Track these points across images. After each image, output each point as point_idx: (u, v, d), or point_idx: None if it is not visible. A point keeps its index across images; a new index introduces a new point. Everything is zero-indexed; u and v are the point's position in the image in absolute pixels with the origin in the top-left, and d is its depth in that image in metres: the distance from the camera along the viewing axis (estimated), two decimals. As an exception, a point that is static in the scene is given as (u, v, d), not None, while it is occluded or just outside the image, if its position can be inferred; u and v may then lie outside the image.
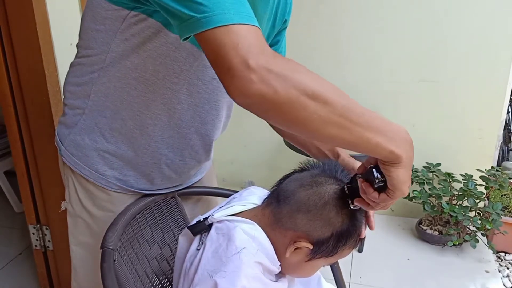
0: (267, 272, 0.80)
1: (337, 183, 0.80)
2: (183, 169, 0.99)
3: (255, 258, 0.77)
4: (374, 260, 2.21)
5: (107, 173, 0.94)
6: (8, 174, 2.62)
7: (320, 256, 0.80)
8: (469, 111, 2.34)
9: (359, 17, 2.35)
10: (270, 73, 0.58)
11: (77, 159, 0.94)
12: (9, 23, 1.54)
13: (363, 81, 2.44)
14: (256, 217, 0.83)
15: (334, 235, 0.78)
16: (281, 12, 0.96)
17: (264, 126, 0.94)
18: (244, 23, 0.59)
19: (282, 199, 0.81)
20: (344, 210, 0.78)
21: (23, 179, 1.77)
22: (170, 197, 1.05)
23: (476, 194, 2.16)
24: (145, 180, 0.97)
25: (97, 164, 0.93)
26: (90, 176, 0.94)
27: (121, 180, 0.95)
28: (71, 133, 0.93)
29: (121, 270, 0.83)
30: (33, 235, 1.87)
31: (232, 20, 0.59)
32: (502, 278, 2.11)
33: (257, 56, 0.58)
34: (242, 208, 0.87)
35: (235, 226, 0.79)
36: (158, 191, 1.02)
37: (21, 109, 1.66)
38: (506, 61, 2.22)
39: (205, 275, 0.75)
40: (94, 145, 0.91)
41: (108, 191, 0.95)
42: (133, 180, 0.96)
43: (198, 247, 0.81)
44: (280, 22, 0.98)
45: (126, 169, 0.94)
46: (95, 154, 0.92)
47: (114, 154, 0.92)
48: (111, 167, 0.93)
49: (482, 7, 2.17)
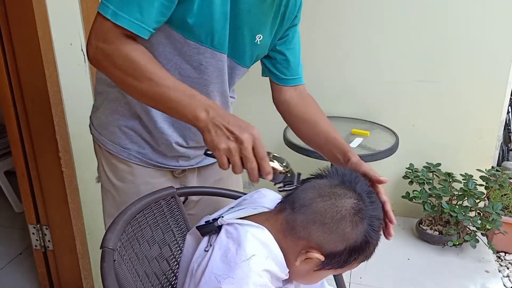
0: (275, 279, 0.80)
1: (355, 197, 0.79)
2: (190, 150, 1.09)
3: (265, 266, 0.76)
4: (374, 260, 2.20)
5: (128, 147, 1.07)
6: (8, 174, 2.62)
7: (330, 268, 0.80)
8: (469, 111, 2.34)
9: (359, 17, 2.35)
10: (99, 49, 0.84)
11: (103, 136, 1.08)
12: (9, 23, 1.54)
13: (363, 81, 2.44)
14: (268, 221, 0.82)
15: (347, 249, 0.78)
16: (291, 10, 1.03)
17: (264, 126, 0.94)
18: (107, 17, 0.82)
19: (297, 207, 0.79)
20: (359, 227, 0.77)
21: (23, 179, 1.77)
22: (170, 197, 1.05)
23: (476, 194, 2.16)
24: (159, 155, 1.08)
25: (119, 139, 1.07)
26: (113, 150, 1.08)
27: (140, 153, 1.07)
28: (98, 114, 1.10)
29: (121, 270, 0.82)
30: (33, 235, 1.87)
31: (108, 14, 0.82)
32: (502, 278, 2.11)
33: (96, 38, 0.84)
34: (253, 211, 0.86)
35: (246, 231, 0.78)
36: (177, 167, 1.12)
37: (21, 109, 1.66)
38: (506, 61, 2.22)
39: (212, 278, 0.75)
40: (116, 122, 1.06)
41: (129, 163, 1.08)
42: (151, 154, 1.08)
43: (207, 248, 0.81)
44: (290, 20, 1.05)
45: (145, 143, 1.07)
46: (117, 130, 1.06)
47: (133, 129, 1.05)
48: (131, 141, 1.07)
49: (482, 7, 2.17)
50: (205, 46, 0.93)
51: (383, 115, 2.42)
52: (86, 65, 1.76)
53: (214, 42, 0.93)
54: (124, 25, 0.82)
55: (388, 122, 2.36)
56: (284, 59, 1.10)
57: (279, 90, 1.13)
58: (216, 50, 0.96)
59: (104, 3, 0.83)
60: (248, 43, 1.00)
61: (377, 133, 2.26)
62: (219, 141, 0.78)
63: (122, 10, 0.81)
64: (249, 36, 0.99)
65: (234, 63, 1.03)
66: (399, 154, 2.16)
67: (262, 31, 1.00)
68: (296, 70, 1.12)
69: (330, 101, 2.45)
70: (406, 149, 2.32)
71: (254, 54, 1.05)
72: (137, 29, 0.83)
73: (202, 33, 0.91)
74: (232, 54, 1.00)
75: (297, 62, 1.12)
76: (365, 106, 2.46)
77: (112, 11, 0.82)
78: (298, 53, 1.13)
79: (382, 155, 2.01)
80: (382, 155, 2.01)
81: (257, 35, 1.00)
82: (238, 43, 0.99)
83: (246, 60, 1.04)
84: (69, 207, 1.76)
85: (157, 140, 1.06)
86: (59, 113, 1.66)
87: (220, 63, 0.98)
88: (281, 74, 1.12)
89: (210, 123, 0.79)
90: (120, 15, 0.82)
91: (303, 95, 1.13)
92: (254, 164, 0.79)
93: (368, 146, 2.09)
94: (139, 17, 0.82)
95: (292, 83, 1.12)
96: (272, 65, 1.12)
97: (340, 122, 2.39)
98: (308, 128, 1.08)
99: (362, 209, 0.78)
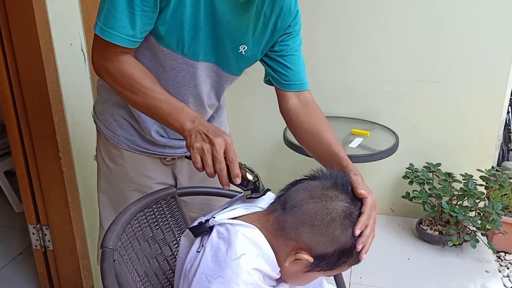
0: (267, 278, 0.80)
1: (347, 200, 0.79)
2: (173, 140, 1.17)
3: (255, 264, 0.76)
4: (374, 260, 2.21)
5: (118, 133, 1.16)
6: (8, 174, 2.62)
7: (320, 270, 0.80)
8: (469, 111, 2.34)
9: (359, 17, 2.35)
10: (102, 67, 0.98)
11: (100, 121, 1.19)
12: (9, 23, 1.54)
13: (363, 81, 2.44)
14: (259, 221, 0.82)
15: (336, 252, 0.78)
16: (283, 20, 1.05)
17: (264, 126, 0.94)
18: (100, 35, 0.92)
19: (288, 208, 0.80)
20: (349, 230, 0.77)
21: (23, 179, 1.77)
22: (170, 197, 1.05)
23: (476, 194, 2.16)
24: (147, 142, 1.16)
25: (111, 125, 1.16)
26: (107, 135, 1.17)
27: (129, 140, 1.16)
28: (97, 101, 1.21)
29: (121, 270, 0.83)
30: (33, 235, 1.87)
31: (96, 31, 0.93)
32: (502, 278, 2.11)
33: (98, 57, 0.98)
34: (245, 211, 0.86)
35: (237, 231, 0.78)
36: (165, 154, 1.19)
37: (21, 109, 1.66)
38: (506, 61, 2.22)
39: (203, 279, 0.75)
40: (109, 109, 1.15)
41: (119, 148, 1.17)
42: (139, 141, 1.16)
43: (199, 249, 0.81)
44: (282, 29, 1.07)
45: (134, 131, 1.15)
46: (110, 117, 1.16)
47: (123, 117, 1.14)
48: (121, 127, 1.16)
49: (482, 7, 2.17)
50: (176, 52, 1.00)
51: (383, 115, 2.42)
52: (86, 65, 1.76)
53: (184, 50, 1.00)
54: (112, 40, 0.92)
55: (388, 122, 2.36)
56: (282, 65, 1.10)
57: (282, 96, 1.12)
58: (188, 58, 1.01)
59: (96, 20, 0.93)
60: (231, 53, 1.04)
61: (377, 133, 2.27)
62: (195, 142, 0.87)
63: (108, 26, 0.91)
64: (231, 47, 1.03)
65: (220, 71, 1.07)
66: (399, 154, 2.16)
67: (246, 42, 1.03)
68: (297, 76, 1.11)
69: (330, 101, 2.45)
70: (406, 149, 2.32)
71: (240, 64, 1.08)
72: (125, 42, 0.93)
73: (173, 41, 0.97)
74: (217, 62, 1.05)
75: (297, 68, 1.11)
76: (365, 106, 2.46)
77: (99, 27, 0.92)
78: (298, 60, 1.12)
79: (382, 155, 2.01)
80: (382, 155, 2.01)
81: (240, 46, 1.03)
82: (222, 53, 1.03)
83: (232, 68, 1.08)
84: (69, 207, 1.76)
85: (143, 128, 1.13)
86: (59, 113, 1.66)
87: (192, 69, 1.03)
88: (280, 79, 1.11)
89: (193, 130, 0.89)
90: (106, 31, 0.91)
91: (307, 104, 1.11)
92: (223, 165, 0.85)
93: (368, 146, 2.09)
94: (125, 31, 0.91)
95: (293, 88, 1.11)
96: (271, 70, 1.12)
97: (340, 122, 2.39)
98: (310, 139, 1.07)
99: (353, 212, 0.78)
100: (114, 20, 0.90)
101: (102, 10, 0.91)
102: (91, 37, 1.77)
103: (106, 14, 0.90)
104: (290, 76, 1.10)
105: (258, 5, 0.98)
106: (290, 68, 1.10)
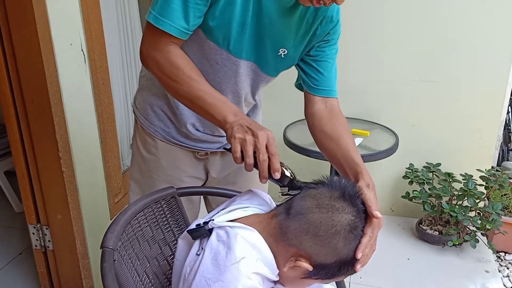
0: (266, 280, 0.80)
1: (353, 213, 0.78)
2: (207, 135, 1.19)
3: (254, 268, 0.76)
4: (374, 260, 2.20)
5: (155, 123, 1.19)
6: (8, 174, 2.62)
7: (317, 278, 0.80)
8: (469, 111, 2.34)
9: (359, 17, 2.34)
10: (149, 56, 0.99)
11: (139, 111, 1.22)
12: (9, 23, 1.53)
13: (363, 81, 2.44)
14: (260, 224, 0.82)
15: (336, 263, 0.78)
16: (324, 27, 1.08)
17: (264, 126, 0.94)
18: (153, 23, 0.94)
19: (293, 214, 0.79)
20: (352, 244, 0.77)
21: (23, 179, 1.77)
22: (170, 197, 1.05)
23: (476, 194, 2.16)
24: (182, 135, 1.19)
25: (149, 116, 1.19)
26: (144, 125, 1.21)
27: (165, 131, 1.19)
28: (138, 93, 1.24)
29: (121, 269, 0.83)
30: (33, 235, 1.87)
31: (150, 19, 0.95)
32: (502, 278, 2.11)
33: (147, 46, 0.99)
34: (243, 213, 0.86)
35: (236, 234, 0.78)
36: (199, 148, 1.21)
37: (21, 109, 1.66)
38: (506, 61, 2.22)
39: (203, 282, 0.75)
40: (148, 100, 1.19)
41: (154, 138, 1.21)
42: (175, 133, 1.19)
43: (198, 252, 0.81)
44: (320, 36, 1.09)
45: (170, 123, 1.18)
46: (149, 107, 1.19)
47: (161, 108, 1.17)
48: (158, 119, 1.19)
49: (482, 7, 2.17)
50: (221, 48, 1.02)
51: (383, 115, 2.42)
52: (86, 65, 1.76)
53: (230, 47, 1.02)
54: (165, 29, 0.94)
55: (388, 122, 2.36)
56: (314, 69, 1.12)
57: (309, 100, 1.13)
58: (232, 54, 1.03)
59: (149, 10, 0.95)
60: (270, 54, 1.06)
61: (377, 133, 2.27)
62: (237, 132, 0.87)
63: (162, 15, 0.93)
64: (271, 48, 1.05)
65: (258, 70, 1.09)
66: (399, 154, 2.16)
67: (286, 45, 1.05)
68: (327, 82, 1.12)
69: (330, 101, 2.45)
70: (406, 149, 2.32)
71: (278, 66, 1.10)
72: (177, 32, 0.95)
73: (220, 36, 1.00)
74: (257, 61, 1.07)
75: (329, 75, 1.12)
76: (365, 106, 2.46)
77: (153, 16, 0.94)
78: (331, 67, 1.13)
79: (382, 155, 2.01)
80: (382, 155, 2.01)
81: (280, 49, 1.05)
82: (262, 53, 1.05)
83: (270, 70, 1.10)
84: (69, 207, 1.76)
85: (180, 120, 1.15)
86: (59, 113, 1.66)
87: (234, 66, 1.05)
88: (310, 82, 1.12)
89: (235, 122, 0.89)
90: (160, 20, 0.93)
91: (333, 111, 1.11)
92: (265, 156, 0.85)
93: (368, 146, 2.09)
94: (178, 21, 0.94)
95: (321, 93, 1.12)
96: (303, 73, 1.14)
97: (340, 122, 2.38)
98: (328, 142, 1.06)
99: (358, 226, 0.78)
100: (169, 9, 0.93)
101: (157, 0, 0.94)
102: (91, 37, 1.78)
103: (161, 4, 0.93)
104: (320, 81, 1.12)
105: (302, 11, 1.02)
106: (321, 73, 1.12)
